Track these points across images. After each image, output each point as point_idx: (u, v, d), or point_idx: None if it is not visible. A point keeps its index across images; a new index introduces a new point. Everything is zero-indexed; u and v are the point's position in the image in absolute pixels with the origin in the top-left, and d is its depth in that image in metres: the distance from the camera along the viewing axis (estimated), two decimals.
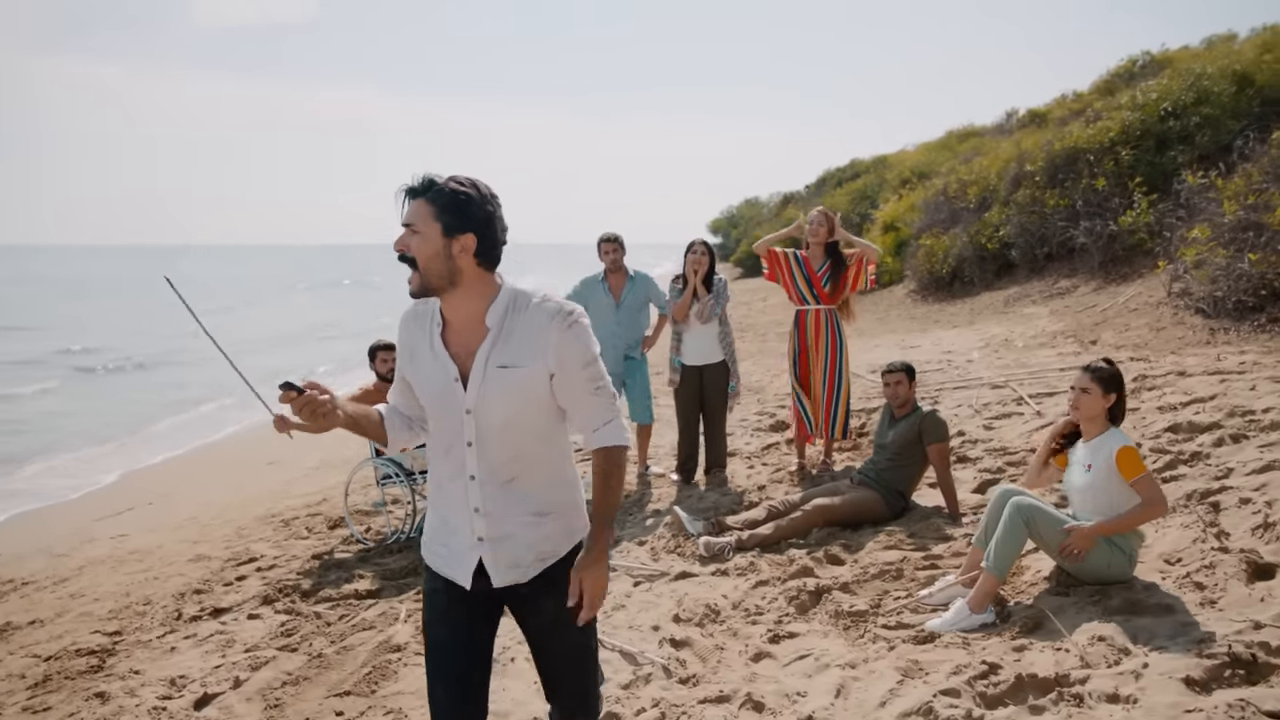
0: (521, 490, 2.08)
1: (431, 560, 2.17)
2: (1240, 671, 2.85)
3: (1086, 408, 3.64)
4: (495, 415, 2.01)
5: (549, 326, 2.01)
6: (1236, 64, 11.34)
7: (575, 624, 2.09)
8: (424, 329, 2.10)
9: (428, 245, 1.95)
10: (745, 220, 49.75)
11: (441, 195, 1.94)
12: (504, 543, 2.06)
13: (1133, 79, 20.79)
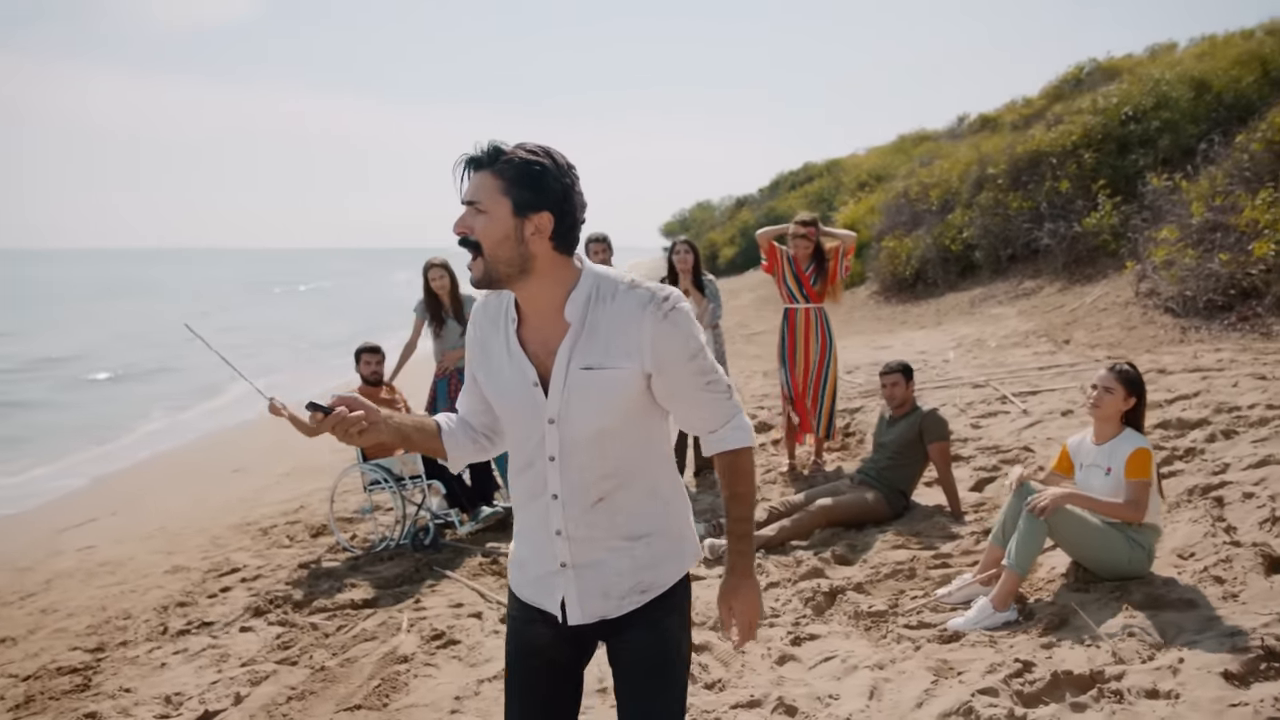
0: (612, 510, 1.77)
1: (517, 586, 1.91)
2: (1275, 665, 2.86)
3: (1107, 406, 3.64)
4: (583, 425, 1.71)
5: (641, 317, 1.67)
6: (1194, 70, 11.61)
7: (674, 668, 1.83)
8: (498, 324, 1.80)
9: (496, 226, 1.64)
10: (697, 223, 49.96)
11: (511, 166, 1.63)
12: (591, 570, 1.79)
13: (1080, 85, 21.28)
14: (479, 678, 3.62)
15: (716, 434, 1.83)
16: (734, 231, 36.63)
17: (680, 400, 1.78)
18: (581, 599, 1.79)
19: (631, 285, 1.72)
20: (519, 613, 1.90)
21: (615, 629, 1.82)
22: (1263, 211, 7.63)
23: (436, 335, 6.02)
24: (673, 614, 1.85)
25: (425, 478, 5.40)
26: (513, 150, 1.64)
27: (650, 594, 1.81)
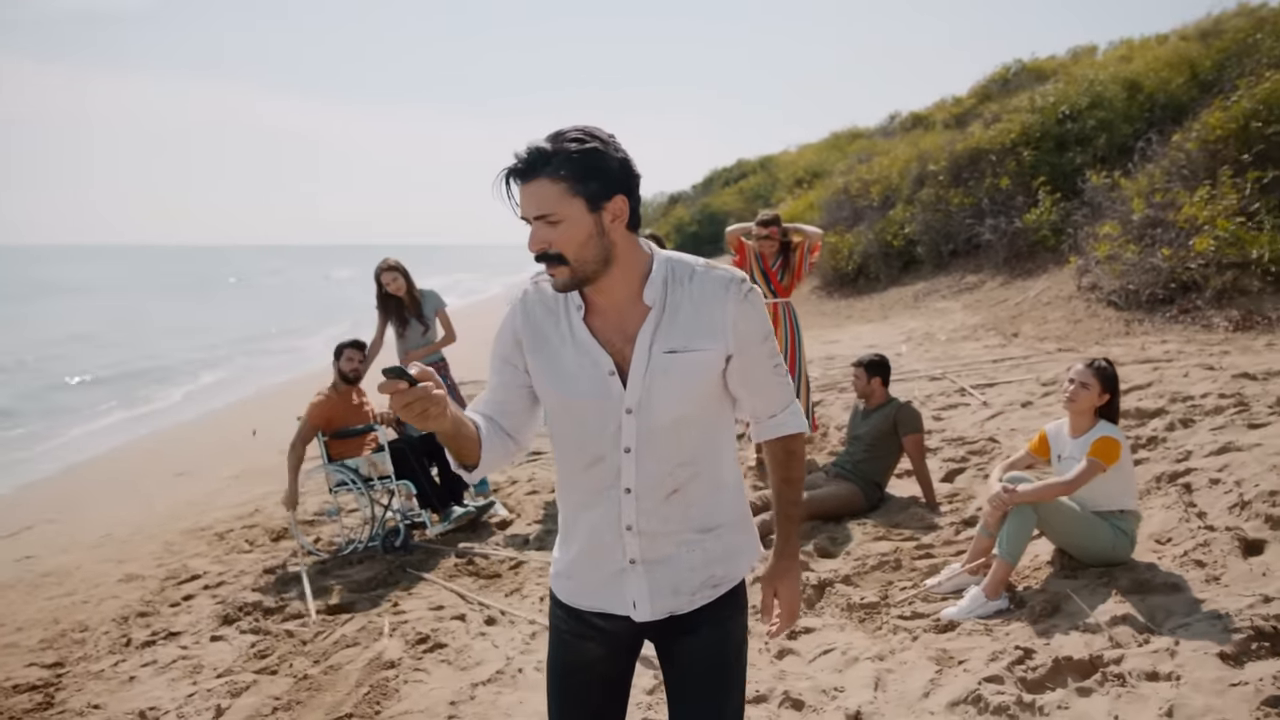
0: (684, 502, 1.71)
1: (566, 592, 1.82)
2: (1265, 644, 2.95)
3: (1082, 401, 3.72)
4: (664, 412, 1.64)
5: (725, 298, 1.63)
6: (1125, 72, 11.99)
7: (734, 669, 1.78)
8: (554, 314, 1.70)
9: (577, 230, 1.55)
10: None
11: (570, 162, 1.52)
12: (662, 566, 1.72)
13: (1007, 85, 21.85)
14: (472, 681, 3.54)
15: (776, 418, 1.81)
16: (669, 228, 36.76)
17: (750, 383, 1.74)
18: (652, 596, 1.73)
19: (708, 266, 1.68)
20: (569, 626, 1.83)
21: (678, 629, 1.77)
22: (1200, 208, 7.91)
23: (399, 335, 5.88)
24: (738, 613, 1.81)
25: (394, 478, 5.27)
26: (558, 145, 1.54)
27: (721, 588, 1.77)
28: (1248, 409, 5.06)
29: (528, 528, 5.48)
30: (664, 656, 1.84)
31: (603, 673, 1.83)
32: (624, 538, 1.71)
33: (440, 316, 5.97)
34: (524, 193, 1.56)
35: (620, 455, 1.67)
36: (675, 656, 1.81)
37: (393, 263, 5.86)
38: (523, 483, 6.51)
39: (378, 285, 5.86)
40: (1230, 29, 15.51)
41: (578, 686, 1.84)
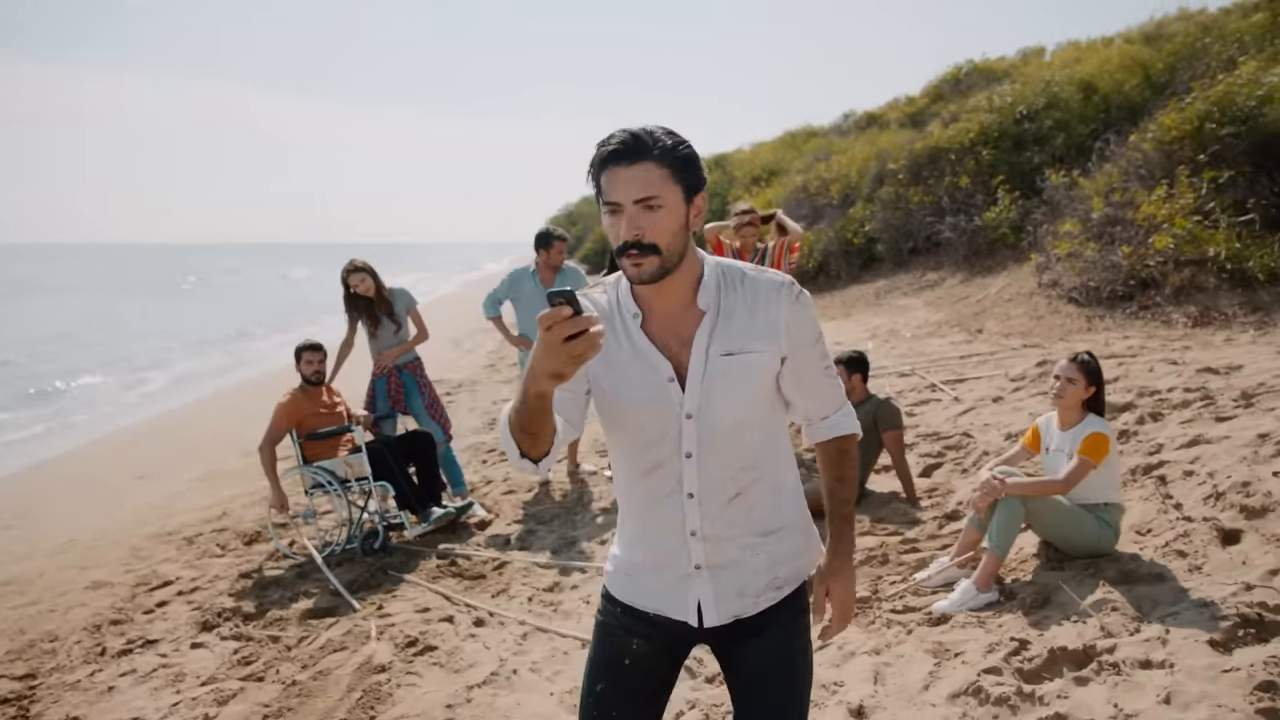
0: (746, 506, 1.71)
1: (625, 591, 1.81)
2: (1251, 630, 3.03)
3: (1070, 396, 3.79)
4: (724, 416, 1.64)
5: (778, 299, 1.65)
6: (1081, 73, 12.25)
7: (799, 673, 1.77)
8: (612, 320, 1.69)
9: (673, 218, 1.55)
10: (585, 217, 50.06)
11: (672, 150, 1.54)
12: (728, 570, 1.72)
13: (959, 85, 22.22)
14: (467, 684, 3.51)
15: (829, 420, 1.82)
16: None
17: (802, 385, 1.75)
18: (718, 601, 1.73)
19: (758, 270, 1.70)
20: (620, 620, 1.82)
21: (741, 633, 1.76)
22: (1158, 207, 8.11)
23: (372, 335, 5.80)
24: (800, 615, 1.81)
25: (373, 480, 5.19)
26: (658, 136, 1.54)
27: (785, 589, 1.77)
28: (1214, 402, 5.20)
29: (508, 528, 5.44)
30: (727, 663, 1.83)
31: (646, 671, 1.82)
32: (688, 543, 1.71)
33: (412, 315, 5.90)
34: (625, 176, 1.53)
35: (682, 461, 1.67)
36: (740, 662, 1.79)
37: (359, 264, 5.77)
38: (498, 482, 6.47)
39: (345, 288, 5.77)
40: (1172, 32, 15.98)
41: (618, 682, 1.82)
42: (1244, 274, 7.30)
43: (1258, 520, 3.76)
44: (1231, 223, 7.63)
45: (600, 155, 1.55)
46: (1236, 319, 7.04)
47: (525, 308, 6.11)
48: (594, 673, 1.85)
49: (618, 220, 1.56)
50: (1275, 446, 4.32)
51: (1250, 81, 8.26)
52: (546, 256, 6.00)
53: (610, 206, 1.56)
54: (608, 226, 1.59)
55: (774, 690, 1.75)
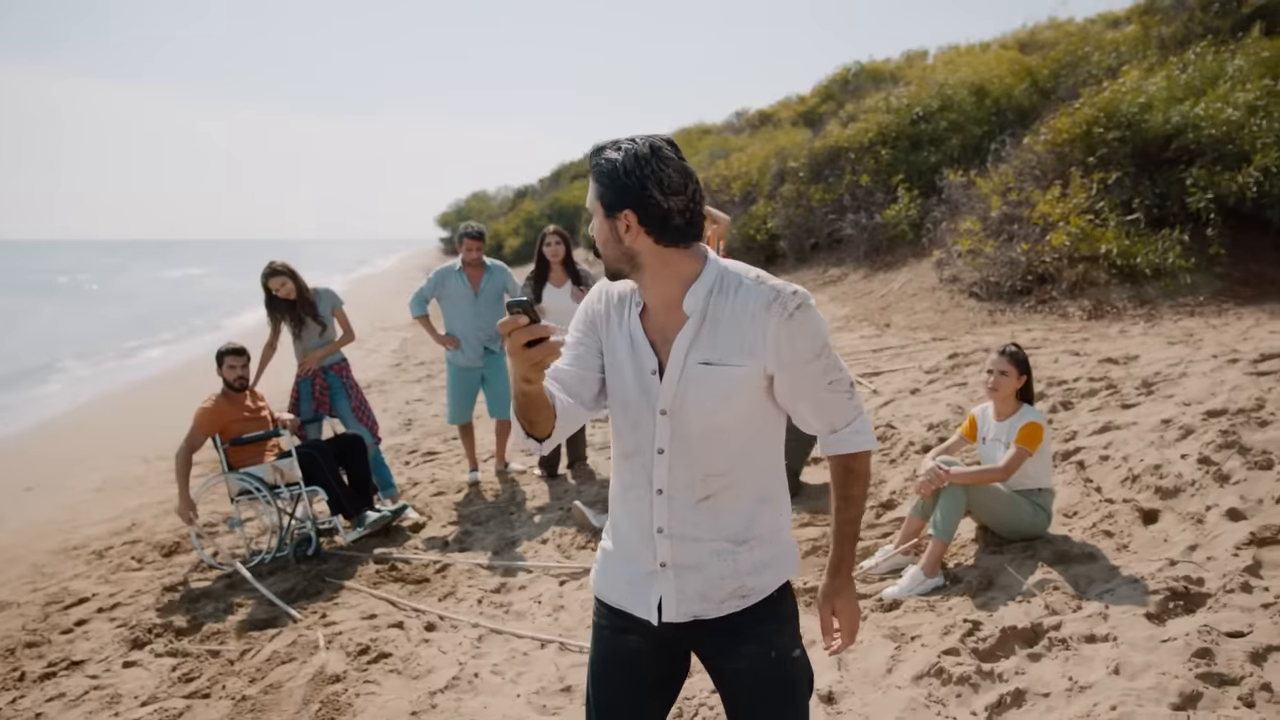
0: (717, 510, 1.71)
1: (603, 590, 1.84)
2: (1180, 603, 3.26)
3: (1004, 388, 3.98)
4: (696, 420, 1.66)
5: (765, 316, 1.61)
6: (973, 78, 12.81)
7: (790, 684, 1.78)
8: (621, 308, 1.77)
9: (600, 229, 1.68)
10: (474, 213, 49.60)
11: (596, 169, 1.65)
12: (692, 572, 1.73)
13: (847, 85, 22.93)
14: (429, 690, 3.45)
15: (838, 434, 1.76)
16: (518, 222, 36.55)
17: (801, 401, 1.71)
18: (679, 600, 1.74)
19: (758, 280, 1.66)
20: (609, 620, 1.84)
21: (719, 644, 1.77)
22: (1053, 206, 8.57)
23: (296, 336, 5.61)
24: (784, 624, 1.80)
25: (304, 485, 5.03)
26: (599, 154, 1.65)
27: (750, 599, 1.75)
28: (1118, 391, 5.54)
29: (443, 529, 5.36)
30: (714, 676, 1.84)
31: (646, 669, 1.83)
32: (655, 540, 1.73)
33: (338, 316, 5.74)
34: (590, 187, 1.69)
35: (654, 455, 1.71)
36: (725, 678, 1.81)
37: (279, 266, 5.55)
38: (425, 484, 6.36)
39: (266, 291, 5.57)
40: (1044, 40, 16.90)
41: (619, 683, 1.83)
42: (1132, 269, 7.78)
43: (1172, 500, 4.05)
44: (1120, 221, 8.13)
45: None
46: (1127, 312, 7.51)
47: (452, 306, 6.08)
48: (595, 677, 1.86)
49: None
50: (1179, 431, 4.64)
51: (1133, 89, 8.80)
52: (464, 254, 6.01)
53: None
54: None
55: (767, 708, 1.77)
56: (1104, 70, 10.71)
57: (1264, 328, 6.54)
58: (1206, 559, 3.48)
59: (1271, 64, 8.60)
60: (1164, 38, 10.62)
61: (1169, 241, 7.76)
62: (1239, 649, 2.90)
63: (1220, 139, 7.95)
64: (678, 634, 1.78)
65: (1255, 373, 5.21)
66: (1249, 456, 4.14)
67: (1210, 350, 5.97)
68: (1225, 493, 3.94)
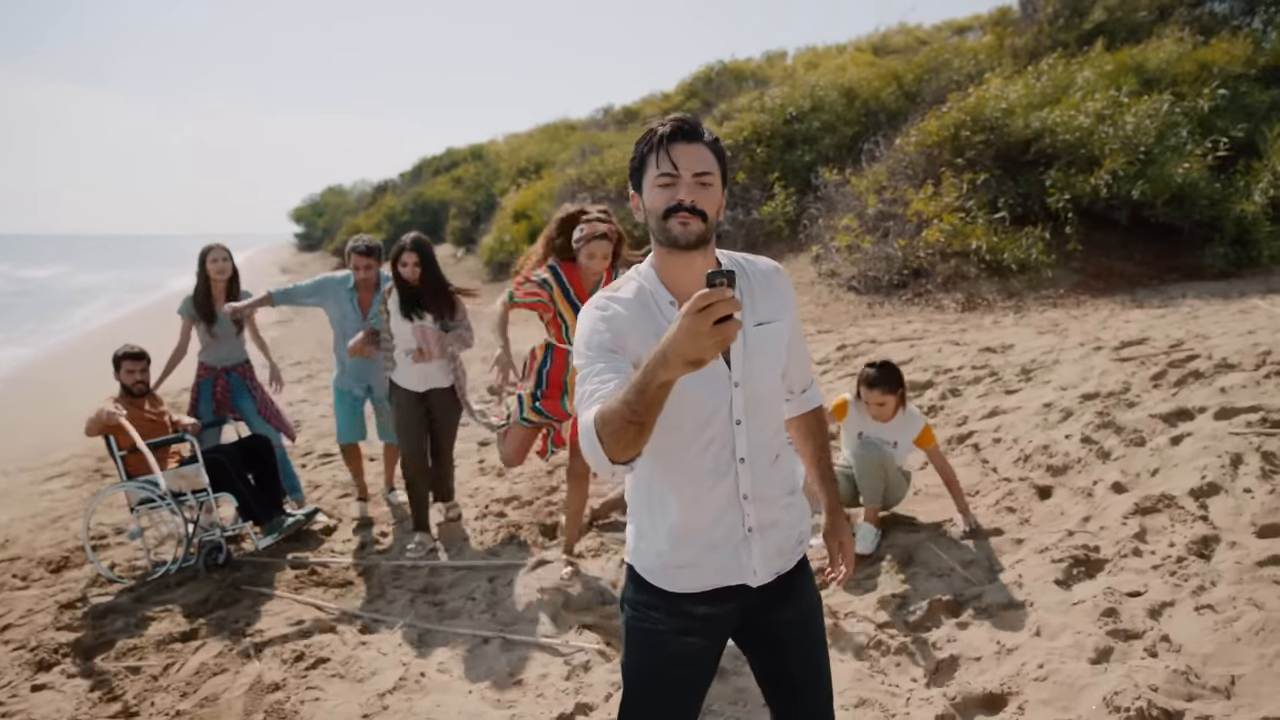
0: (781, 466, 1.87)
1: (688, 583, 1.84)
2: (1082, 568, 3.59)
3: (888, 411, 4.23)
4: (763, 381, 1.79)
5: (778, 276, 1.89)
6: (842, 80, 13.38)
7: (818, 622, 1.94)
8: (648, 312, 1.77)
9: (718, 196, 1.73)
10: (331, 208, 48.01)
11: (717, 144, 1.75)
12: (772, 530, 1.85)
13: (710, 83, 23.49)
14: (376, 692, 3.42)
15: (808, 392, 2.07)
16: (380, 217, 35.63)
17: (794, 354, 1.96)
18: (766, 560, 1.85)
19: (751, 255, 1.92)
20: (671, 624, 1.86)
21: (779, 598, 1.89)
22: (926, 204, 9.08)
23: (212, 335, 5.35)
24: (807, 568, 1.97)
25: (212, 491, 4.83)
26: (701, 125, 1.75)
27: (804, 546, 1.94)
28: (999, 378, 5.97)
29: (356, 533, 5.25)
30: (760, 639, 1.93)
31: (704, 665, 1.91)
32: (742, 507, 1.82)
33: (250, 318, 5.54)
34: (689, 150, 1.70)
35: (733, 428, 1.78)
36: (776, 632, 1.91)
37: (222, 245, 5.48)
38: (328, 487, 6.20)
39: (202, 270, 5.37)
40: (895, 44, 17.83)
41: (680, 686, 1.89)
42: (1000, 265, 8.36)
43: (1062, 476, 4.42)
44: (988, 219, 8.71)
45: (663, 133, 1.71)
46: (997, 304, 8.06)
47: (338, 326, 5.33)
48: (652, 678, 1.89)
49: (672, 188, 1.70)
50: (1060, 413, 5.06)
51: (996, 95, 9.43)
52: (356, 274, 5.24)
53: (667, 177, 1.70)
54: (655, 196, 1.72)
55: (815, 631, 1.94)
56: (964, 76, 11.39)
57: (1118, 317, 7.16)
58: (1100, 528, 3.83)
59: (1113, 76, 9.39)
60: (1016, 48, 11.40)
61: (1032, 238, 8.37)
62: (1139, 606, 3.23)
63: (1074, 144, 8.63)
64: (749, 604, 1.87)
65: (1119, 358, 5.71)
66: (1124, 435, 4.56)
67: (1076, 339, 6.50)
68: (1108, 468, 4.33)
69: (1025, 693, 2.89)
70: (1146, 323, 6.87)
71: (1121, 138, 8.42)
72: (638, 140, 1.78)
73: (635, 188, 1.80)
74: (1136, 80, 9.28)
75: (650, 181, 1.73)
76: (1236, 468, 3.94)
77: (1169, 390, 5.00)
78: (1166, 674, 2.81)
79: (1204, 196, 8.38)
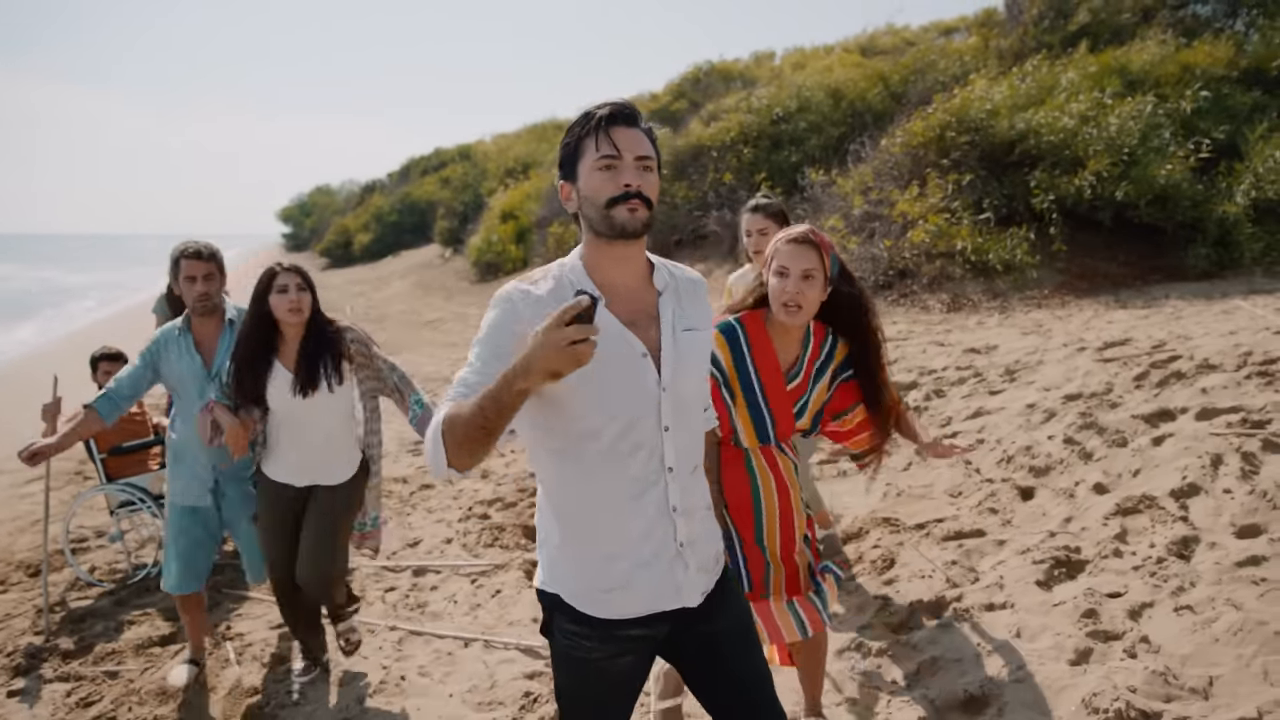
0: (699, 479, 1.79)
1: (620, 609, 1.73)
2: (1063, 569, 3.59)
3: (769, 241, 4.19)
4: (689, 387, 1.73)
5: (700, 287, 1.86)
6: (829, 81, 13.40)
7: (750, 625, 1.91)
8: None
9: (657, 181, 1.67)
10: (320, 208, 47.82)
11: (653, 133, 1.70)
12: (698, 544, 1.77)
13: (699, 84, 23.52)
14: (356, 697, 3.40)
15: (709, 411, 2.03)
16: (368, 217, 35.51)
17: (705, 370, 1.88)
18: (694, 579, 1.77)
19: (674, 263, 1.88)
20: (603, 649, 1.77)
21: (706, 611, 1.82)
22: (912, 205, 9.10)
23: None
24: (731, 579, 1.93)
25: None
26: (638, 112, 1.69)
27: (722, 562, 1.88)
28: (984, 378, 5.98)
29: None
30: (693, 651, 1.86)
31: (637, 679, 1.86)
32: (671, 522, 1.73)
33: None
34: (631, 134, 1.65)
35: (661, 435, 1.71)
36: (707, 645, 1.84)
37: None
38: None
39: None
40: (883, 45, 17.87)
41: (613, 703, 1.85)
42: (985, 265, 8.38)
43: (1044, 478, 4.43)
44: (972, 220, 8.73)
45: (602, 115, 1.64)
46: (982, 305, 8.08)
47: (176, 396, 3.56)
48: (592, 706, 1.85)
49: (616, 172, 1.62)
50: (1043, 414, 5.08)
51: (981, 97, 9.46)
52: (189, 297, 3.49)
53: (608, 160, 1.62)
54: (596, 181, 1.63)
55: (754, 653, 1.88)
56: (950, 78, 11.43)
57: (1102, 318, 7.19)
58: (1081, 529, 3.84)
59: (1097, 78, 9.43)
60: (1002, 50, 11.44)
61: (1017, 239, 8.40)
62: (1119, 607, 3.23)
63: (1058, 145, 8.66)
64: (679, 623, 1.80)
65: (1102, 359, 5.73)
66: (1106, 435, 4.58)
67: (1060, 339, 6.53)
68: (1090, 469, 4.34)
69: (1005, 694, 2.89)
70: (1129, 323, 6.90)
71: (1105, 139, 8.46)
72: (570, 125, 1.69)
73: (566, 177, 1.70)
74: (1120, 82, 9.32)
75: (590, 166, 1.64)
76: (1217, 468, 3.96)
77: (1151, 391, 5.02)
78: (1145, 675, 2.81)
79: (1186, 198, 8.43)
